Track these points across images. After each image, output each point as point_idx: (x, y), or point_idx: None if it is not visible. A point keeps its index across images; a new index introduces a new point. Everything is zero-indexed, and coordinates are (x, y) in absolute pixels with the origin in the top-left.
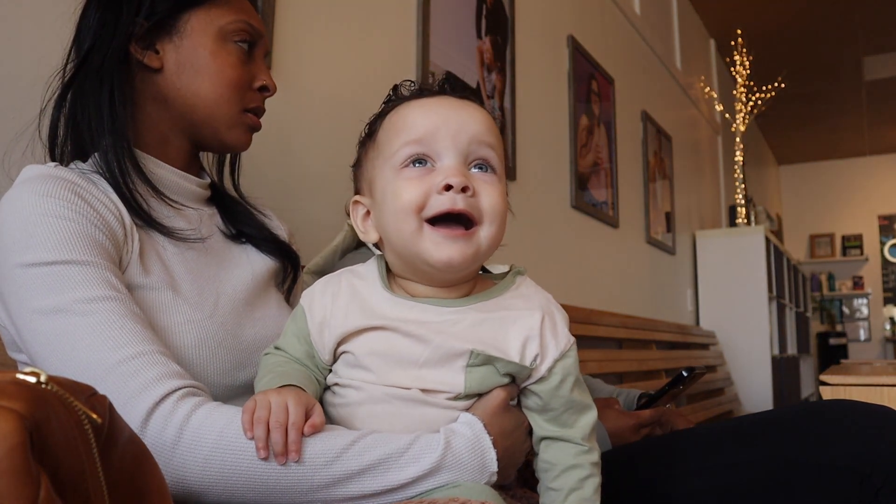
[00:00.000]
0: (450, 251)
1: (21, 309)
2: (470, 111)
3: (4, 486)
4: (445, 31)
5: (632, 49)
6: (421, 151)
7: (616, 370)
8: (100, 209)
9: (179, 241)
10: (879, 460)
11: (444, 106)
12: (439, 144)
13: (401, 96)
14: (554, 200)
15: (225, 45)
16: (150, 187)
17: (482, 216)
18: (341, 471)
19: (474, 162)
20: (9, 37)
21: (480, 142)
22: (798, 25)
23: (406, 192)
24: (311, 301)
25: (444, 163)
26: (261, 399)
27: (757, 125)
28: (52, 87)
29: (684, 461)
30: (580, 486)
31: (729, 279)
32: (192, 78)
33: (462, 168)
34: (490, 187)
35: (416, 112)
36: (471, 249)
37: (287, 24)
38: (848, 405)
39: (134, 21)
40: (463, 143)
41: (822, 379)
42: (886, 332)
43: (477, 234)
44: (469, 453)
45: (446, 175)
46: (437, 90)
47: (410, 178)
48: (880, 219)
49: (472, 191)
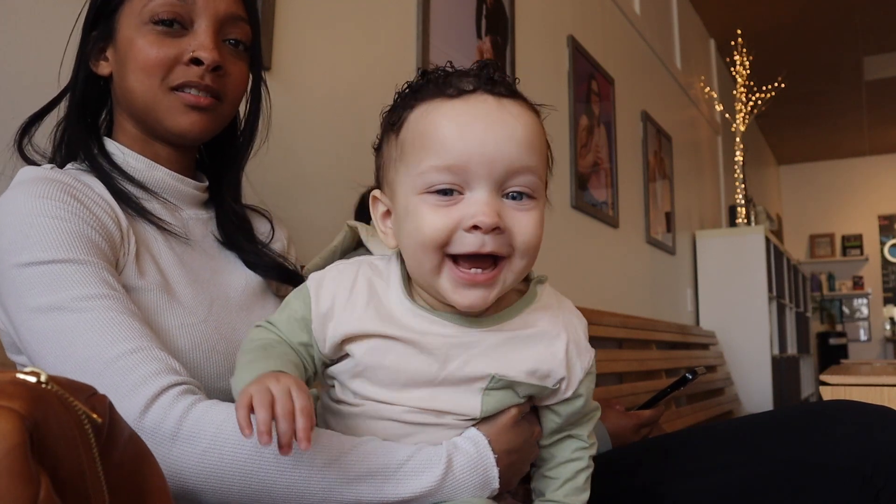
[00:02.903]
0: (471, 297)
1: (18, 308)
2: (511, 124)
3: (4, 486)
4: (445, 31)
5: (632, 49)
6: (450, 181)
7: (616, 370)
8: (95, 210)
9: (169, 237)
10: (880, 461)
11: (481, 119)
12: (471, 174)
13: (433, 84)
14: (554, 200)
15: (140, 29)
16: (141, 188)
17: (513, 252)
18: (340, 474)
19: (510, 191)
20: (11, 42)
21: (519, 169)
22: (798, 25)
23: (429, 224)
24: (320, 287)
25: (474, 195)
26: (258, 387)
27: (757, 125)
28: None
29: (685, 462)
30: (575, 477)
31: (729, 279)
32: (123, 73)
33: (494, 202)
34: (525, 219)
35: (449, 128)
36: (493, 293)
37: (287, 24)
38: (848, 405)
39: (89, 36)
40: (499, 172)
41: (823, 379)
42: (886, 332)
43: (503, 272)
44: (470, 472)
45: (475, 213)
46: (475, 86)
47: (436, 206)
48: (880, 219)
49: (503, 227)
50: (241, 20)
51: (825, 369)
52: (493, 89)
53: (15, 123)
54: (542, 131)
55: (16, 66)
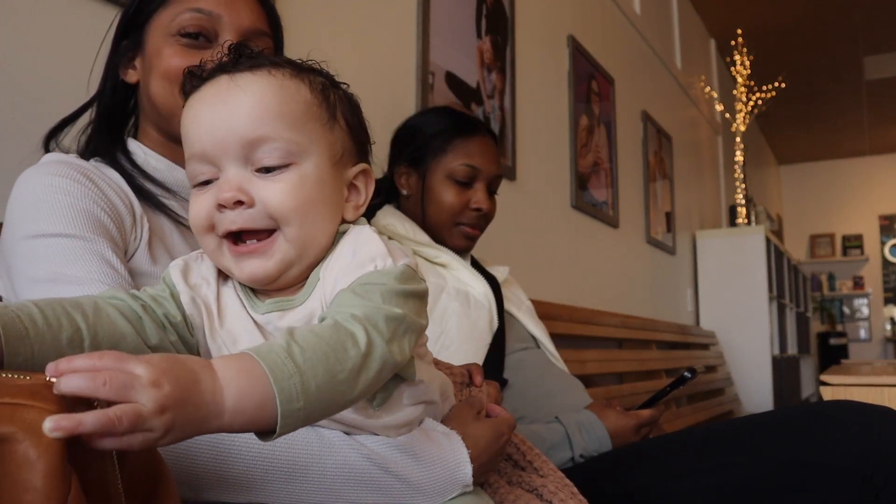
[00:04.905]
0: (250, 267)
1: (20, 278)
2: (238, 99)
3: (44, 482)
4: (445, 31)
5: (632, 49)
6: (204, 170)
7: (616, 370)
8: (107, 193)
9: (186, 232)
10: (881, 461)
11: (207, 102)
12: (214, 158)
13: (194, 79)
14: (554, 200)
15: (168, 40)
16: (161, 187)
17: (276, 221)
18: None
19: (260, 166)
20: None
21: (254, 141)
22: (798, 25)
23: (193, 212)
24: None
25: (222, 176)
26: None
27: (757, 125)
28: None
29: (685, 462)
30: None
31: (729, 279)
32: (148, 81)
33: (236, 178)
34: (273, 187)
35: (186, 119)
36: (271, 262)
37: (287, 24)
38: (848, 405)
39: (120, 45)
40: (234, 149)
41: (823, 379)
42: (887, 332)
43: (276, 242)
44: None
45: (216, 193)
46: (214, 71)
47: (196, 195)
48: (881, 219)
49: (251, 201)
50: (264, 35)
51: (825, 369)
52: (232, 68)
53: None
54: (288, 94)
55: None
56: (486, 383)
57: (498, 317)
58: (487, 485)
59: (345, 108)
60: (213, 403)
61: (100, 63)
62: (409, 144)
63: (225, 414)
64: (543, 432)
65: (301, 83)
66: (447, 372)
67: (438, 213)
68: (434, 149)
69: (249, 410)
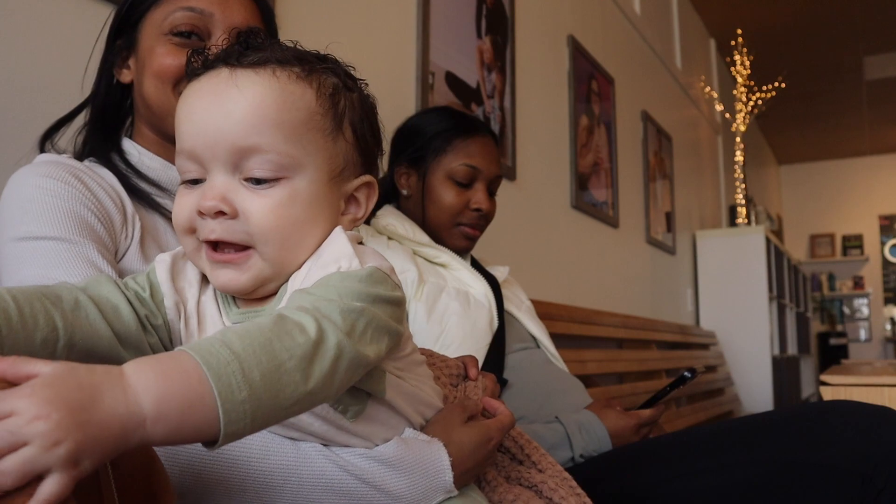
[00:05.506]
0: (223, 277)
1: (8, 280)
2: (233, 101)
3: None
4: (445, 31)
5: (632, 49)
6: (192, 167)
7: (616, 370)
8: (97, 193)
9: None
10: (881, 461)
11: (204, 97)
12: (202, 159)
13: (197, 61)
14: (554, 200)
15: (160, 39)
16: (156, 186)
17: (252, 239)
18: None
19: (249, 176)
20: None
21: (246, 150)
22: (798, 25)
23: (175, 212)
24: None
25: (210, 180)
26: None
27: (757, 125)
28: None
29: (685, 462)
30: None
31: (729, 279)
32: (141, 80)
33: (222, 185)
34: (258, 203)
35: (181, 111)
36: (245, 276)
37: (287, 24)
38: (849, 406)
39: (114, 45)
40: (223, 154)
41: (823, 379)
42: (887, 332)
43: (252, 258)
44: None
45: (198, 198)
46: (218, 59)
47: (182, 193)
48: (881, 219)
49: (233, 212)
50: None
51: (825, 369)
52: (237, 60)
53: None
54: (289, 101)
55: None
56: (481, 375)
57: (498, 317)
58: (485, 482)
59: (354, 115)
60: (127, 414)
61: (94, 63)
62: (410, 144)
63: (146, 422)
64: (543, 432)
65: (307, 87)
66: (442, 365)
67: (438, 214)
68: (434, 149)
69: (176, 412)
